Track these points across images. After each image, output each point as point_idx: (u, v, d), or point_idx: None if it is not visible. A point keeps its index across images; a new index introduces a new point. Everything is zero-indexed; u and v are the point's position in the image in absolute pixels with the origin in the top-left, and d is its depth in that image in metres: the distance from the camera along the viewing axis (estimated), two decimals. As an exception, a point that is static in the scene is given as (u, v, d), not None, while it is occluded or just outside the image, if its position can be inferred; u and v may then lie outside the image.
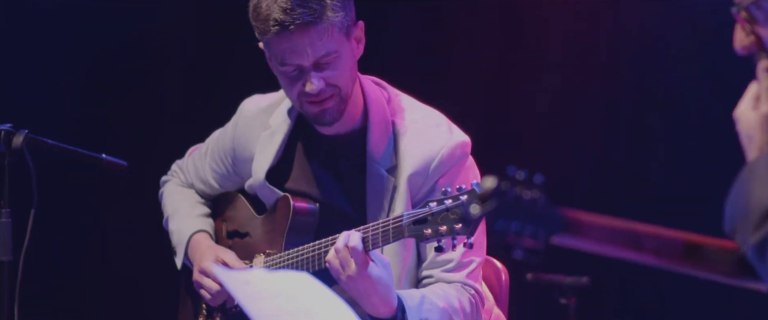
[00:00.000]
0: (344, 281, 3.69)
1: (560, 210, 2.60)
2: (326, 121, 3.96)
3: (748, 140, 2.55)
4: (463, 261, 3.97)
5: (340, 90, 3.92)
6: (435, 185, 3.96)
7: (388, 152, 3.98)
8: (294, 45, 3.83)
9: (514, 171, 2.55)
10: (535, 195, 2.55)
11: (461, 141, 4.01)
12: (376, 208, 3.96)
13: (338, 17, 3.85)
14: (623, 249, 2.67)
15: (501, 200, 2.52)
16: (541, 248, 2.57)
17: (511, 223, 2.53)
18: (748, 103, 2.56)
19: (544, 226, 2.56)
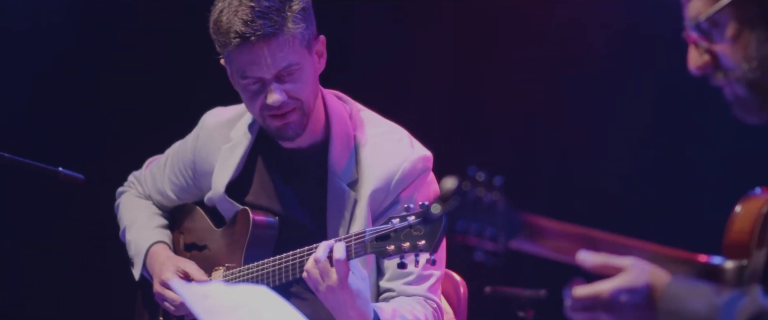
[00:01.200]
0: (323, 292, 3.67)
1: (520, 214, 2.61)
2: (289, 136, 3.95)
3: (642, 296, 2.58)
4: (423, 274, 3.98)
5: (303, 103, 3.91)
6: (397, 199, 3.96)
7: (349, 166, 3.98)
8: (255, 56, 3.83)
9: (474, 171, 2.56)
10: (496, 197, 2.56)
11: (423, 155, 4.01)
12: (336, 222, 3.96)
13: (299, 29, 3.84)
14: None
15: (462, 200, 2.52)
16: (501, 251, 2.58)
17: (472, 224, 2.54)
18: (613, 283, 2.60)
19: (504, 229, 2.57)
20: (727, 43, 2.57)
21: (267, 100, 3.86)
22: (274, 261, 3.88)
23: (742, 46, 2.55)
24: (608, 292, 2.57)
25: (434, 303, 3.97)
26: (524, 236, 2.62)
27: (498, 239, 2.57)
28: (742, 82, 2.57)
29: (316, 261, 3.66)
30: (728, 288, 2.65)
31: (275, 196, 4.07)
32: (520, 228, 2.61)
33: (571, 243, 2.68)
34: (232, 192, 4.11)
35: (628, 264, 2.62)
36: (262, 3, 3.81)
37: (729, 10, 2.54)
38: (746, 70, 2.56)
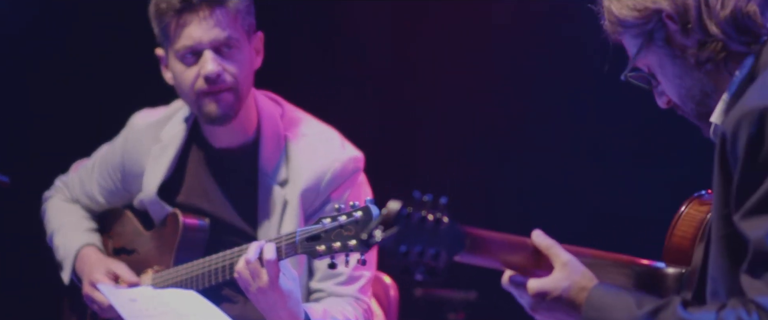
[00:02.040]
0: (253, 293, 3.66)
1: (463, 229, 2.65)
2: (221, 115, 3.91)
3: (568, 301, 2.66)
4: (354, 275, 3.98)
5: (238, 84, 3.90)
6: (328, 199, 3.97)
7: (280, 166, 3.98)
8: (196, 19, 3.84)
9: (419, 195, 2.58)
10: (439, 217, 2.58)
11: (353, 156, 4.02)
12: (267, 223, 3.96)
13: (243, 5, 3.86)
14: (521, 264, 2.71)
15: (405, 224, 2.54)
16: (441, 269, 2.60)
17: (414, 247, 2.56)
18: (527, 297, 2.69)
19: (446, 247, 2.60)
20: (662, 83, 2.69)
21: (202, 70, 3.84)
22: (204, 263, 3.86)
23: (670, 84, 2.68)
24: (551, 286, 2.66)
25: (365, 304, 3.98)
26: (467, 250, 2.66)
27: (439, 258, 2.59)
28: (688, 115, 2.70)
29: (247, 262, 3.65)
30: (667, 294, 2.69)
31: (206, 197, 4.06)
32: (461, 244, 2.65)
33: (510, 251, 2.73)
34: (163, 194, 4.10)
35: (567, 260, 2.67)
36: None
37: (646, 57, 2.68)
38: (683, 105, 2.68)
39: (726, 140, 2.46)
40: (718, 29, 2.59)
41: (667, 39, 2.65)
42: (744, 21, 2.60)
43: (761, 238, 2.39)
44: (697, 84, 2.64)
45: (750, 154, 2.41)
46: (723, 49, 2.60)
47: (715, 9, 2.59)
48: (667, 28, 2.64)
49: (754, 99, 2.45)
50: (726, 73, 2.62)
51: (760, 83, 2.51)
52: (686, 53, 2.63)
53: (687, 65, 2.64)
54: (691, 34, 2.61)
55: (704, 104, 2.65)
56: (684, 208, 2.78)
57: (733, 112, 2.47)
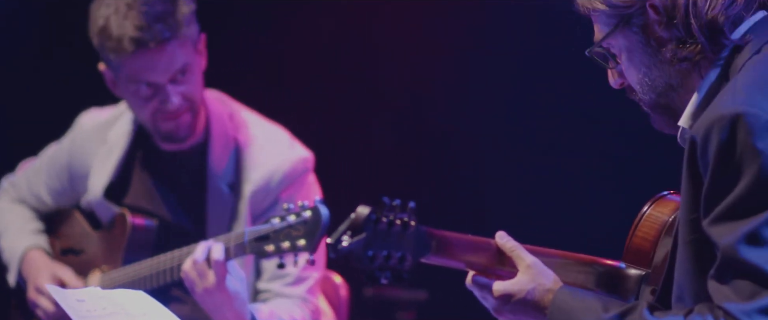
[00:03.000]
0: (199, 293, 3.65)
1: (428, 232, 2.66)
2: (180, 137, 3.96)
3: (533, 304, 2.67)
4: (301, 276, 3.99)
5: (194, 104, 3.92)
6: (277, 199, 3.98)
7: (229, 167, 3.98)
8: (151, 62, 3.83)
9: (388, 200, 2.59)
10: (407, 221, 2.60)
11: (303, 156, 4.04)
12: (216, 224, 3.96)
13: (191, 30, 3.86)
14: (485, 265, 2.74)
15: (373, 230, 2.55)
16: (406, 272, 2.61)
17: (381, 251, 2.57)
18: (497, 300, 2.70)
19: (411, 250, 2.61)
20: (624, 67, 2.68)
21: (164, 105, 3.85)
22: (153, 263, 3.85)
23: (635, 70, 2.67)
24: (516, 289, 2.67)
25: (312, 305, 3.98)
26: (432, 252, 2.67)
27: (404, 262, 2.60)
28: (644, 103, 2.69)
29: (194, 262, 3.64)
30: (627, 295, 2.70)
31: (154, 198, 4.05)
32: (427, 247, 2.66)
33: (474, 253, 2.74)
34: (111, 195, 4.08)
35: (531, 263, 2.69)
36: (154, 8, 3.80)
37: (616, 39, 2.66)
38: (643, 93, 2.67)
39: (696, 145, 2.45)
40: (702, 31, 2.59)
41: (644, 27, 2.63)
42: (723, 27, 2.59)
43: (730, 244, 2.39)
44: (663, 76, 2.64)
45: (720, 159, 2.41)
46: (701, 51, 2.59)
47: (703, 10, 2.58)
48: (647, 16, 2.62)
49: (725, 104, 2.44)
50: (696, 74, 2.62)
51: (730, 89, 2.50)
52: (661, 46, 2.62)
53: (658, 57, 2.63)
54: (673, 29, 2.60)
55: (665, 96, 2.65)
56: (646, 209, 2.78)
57: (704, 117, 2.47)
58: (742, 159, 2.39)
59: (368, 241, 2.55)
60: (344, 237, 2.55)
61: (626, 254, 2.77)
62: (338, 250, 2.56)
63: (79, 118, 4.23)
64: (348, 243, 2.54)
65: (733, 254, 2.39)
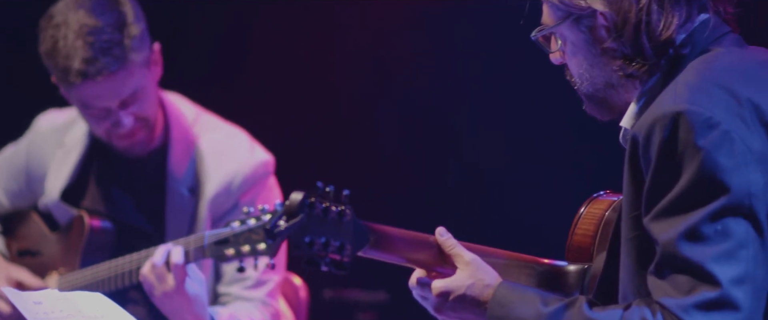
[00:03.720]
0: (158, 297, 3.65)
1: (366, 225, 2.68)
2: (136, 153, 3.96)
3: (473, 299, 2.69)
4: (262, 279, 3.99)
5: (148, 121, 3.92)
6: (237, 203, 3.98)
7: (189, 171, 3.98)
8: (99, 91, 3.82)
9: (322, 185, 2.62)
10: (342, 210, 2.63)
11: (263, 160, 4.04)
12: (176, 227, 3.95)
13: (140, 55, 3.84)
14: (426, 262, 2.75)
15: (308, 214, 2.58)
16: (347, 261, 2.64)
17: (318, 237, 2.60)
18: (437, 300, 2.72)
19: (350, 240, 2.64)
20: (567, 56, 2.71)
21: (115, 128, 3.85)
22: (111, 265, 3.84)
23: (576, 63, 2.69)
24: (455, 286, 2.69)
25: (273, 308, 3.99)
26: (371, 245, 2.69)
27: (344, 251, 2.63)
28: (580, 92, 2.71)
29: (153, 265, 3.64)
30: (570, 291, 2.72)
31: (112, 201, 4.04)
32: (366, 238, 2.68)
33: (414, 249, 2.75)
34: (68, 197, 4.06)
35: (470, 259, 2.71)
36: (101, 37, 3.77)
37: (563, 30, 2.68)
38: (581, 83, 2.70)
39: (638, 144, 2.48)
40: (656, 51, 2.61)
41: (592, 29, 2.64)
42: (677, 43, 2.61)
43: (670, 240, 2.42)
44: (604, 76, 2.66)
45: (662, 157, 2.44)
46: (650, 69, 2.62)
47: (657, 30, 2.61)
48: (597, 20, 2.64)
49: (667, 103, 2.48)
50: (637, 80, 2.65)
51: (672, 88, 2.53)
52: (606, 53, 2.64)
53: (602, 59, 2.66)
54: (619, 44, 2.62)
55: (602, 92, 2.68)
56: (583, 209, 2.81)
57: (646, 115, 2.50)
58: (683, 156, 2.43)
59: (305, 225, 2.57)
60: (280, 222, 2.57)
61: (568, 253, 2.80)
62: (275, 234, 2.59)
63: (37, 120, 4.21)
64: (284, 226, 2.57)
65: (672, 250, 2.43)
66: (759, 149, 2.44)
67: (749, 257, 2.41)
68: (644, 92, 2.63)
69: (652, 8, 2.59)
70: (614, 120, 2.74)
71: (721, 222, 2.41)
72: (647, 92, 2.63)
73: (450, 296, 2.70)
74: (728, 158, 2.42)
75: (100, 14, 3.79)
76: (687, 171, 2.43)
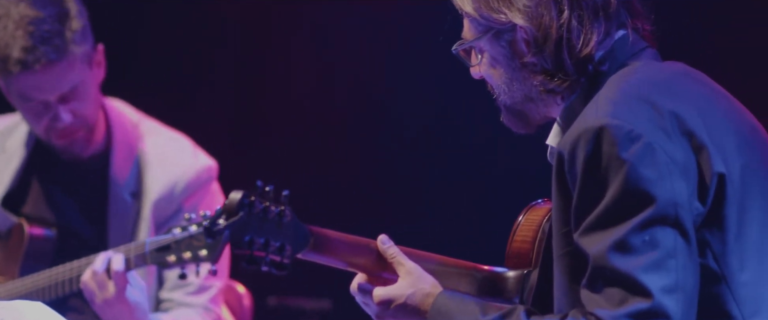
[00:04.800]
0: (99, 304, 3.67)
1: (306, 226, 2.72)
2: (75, 153, 3.96)
3: (413, 308, 2.74)
4: (204, 285, 4.01)
5: (88, 120, 3.93)
6: (180, 208, 4.01)
7: (132, 176, 4.00)
8: (38, 82, 3.83)
9: (261, 185, 2.65)
10: (282, 210, 2.66)
11: (206, 165, 4.07)
12: (118, 233, 3.97)
13: (81, 49, 3.86)
14: (366, 266, 2.79)
15: (248, 213, 2.62)
16: (287, 262, 2.67)
17: (258, 237, 2.63)
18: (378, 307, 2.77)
19: (290, 241, 2.68)
20: (486, 69, 2.74)
21: (54, 123, 3.84)
22: (51, 273, 3.83)
23: (496, 76, 2.72)
24: (395, 294, 2.73)
25: (215, 314, 4.00)
26: (310, 248, 2.73)
27: (284, 251, 2.66)
28: (499, 102, 2.75)
29: (94, 273, 3.65)
30: (510, 296, 2.74)
31: (54, 207, 4.04)
32: (306, 240, 2.72)
33: (356, 253, 2.79)
34: (8, 204, 4.06)
35: (411, 268, 2.75)
36: (42, 27, 3.78)
37: (483, 44, 2.71)
38: (499, 95, 2.73)
39: (563, 160, 2.52)
40: (576, 68, 2.64)
41: (512, 43, 2.67)
42: (596, 60, 2.65)
43: (600, 253, 2.45)
44: (523, 89, 2.68)
45: (587, 172, 2.47)
46: (571, 85, 2.65)
47: (577, 47, 2.63)
48: (517, 35, 2.66)
49: (589, 118, 2.51)
50: (558, 96, 2.68)
51: (594, 103, 2.56)
52: (526, 68, 2.66)
53: (521, 73, 2.68)
54: (541, 60, 2.64)
55: (521, 105, 2.70)
56: (521, 217, 2.85)
57: (570, 132, 2.53)
58: (608, 170, 2.46)
59: (244, 224, 2.61)
60: (220, 221, 2.60)
61: (508, 260, 2.84)
62: (214, 232, 2.61)
63: (-23, 126, 4.20)
64: (224, 224, 2.59)
65: (602, 262, 2.46)
66: (682, 159, 2.48)
67: (678, 266, 2.45)
68: (566, 108, 2.67)
69: (572, 25, 2.63)
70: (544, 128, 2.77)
71: (648, 233, 2.44)
72: (569, 109, 2.66)
73: (391, 304, 2.74)
74: (652, 169, 2.45)
75: (42, 7, 3.81)
76: (612, 184, 2.46)
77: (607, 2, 2.64)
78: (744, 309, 2.51)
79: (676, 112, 2.51)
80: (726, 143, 2.54)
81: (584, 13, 2.63)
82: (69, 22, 3.83)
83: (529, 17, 2.63)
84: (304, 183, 5.89)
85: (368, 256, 2.77)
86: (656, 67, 2.67)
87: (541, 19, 2.62)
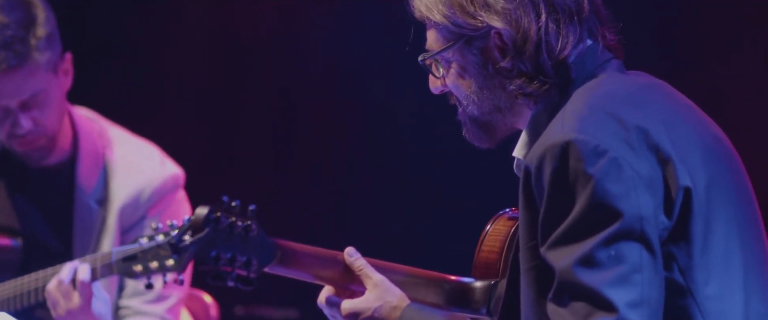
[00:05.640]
0: (63, 316, 3.65)
1: (273, 240, 2.75)
2: (34, 160, 3.97)
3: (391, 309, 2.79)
4: (163, 294, 4.04)
5: (49, 130, 3.94)
6: (145, 216, 4.03)
7: (98, 184, 4.01)
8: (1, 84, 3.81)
9: (227, 199, 2.68)
10: (248, 225, 2.69)
11: (173, 173, 4.09)
12: (83, 241, 3.98)
13: (45, 57, 3.87)
14: (334, 279, 2.82)
15: (214, 229, 2.64)
16: (253, 277, 2.70)
17: (225, 252, 2.66)
18: None
19: (256, 255, 2.71)
20: (453, 80, 2.74)
21: (14, 129, 3.85)
22: (16, 284, 3.82)
23: (464, 86, 2.72)
24: (362, 307, 2.77)
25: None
26: (277, 262, 2.76)
27: (250, 266, 2.69)
28: (465, 114, 2.75)
29: (59, 283, 3.66)
30: (478, 307, 2.77)
31: (19, 216, 4.05)
32: (272, 254, 2.74)
33: (322, 266, 2.82)
34: (-28, 214, 4.04)
35: (379, 281, 2.78)
36: (4, 32, 3.81)
37: (451, 53, 2.71)
38: (466, 106, 2.73)
39: (530, 174, 2.53)
40: (554, 70, 2.65)
41: (484, 50, 2.68)
42: (572, 66, 2.66)
43: (566, 267, 2.47)
44: (493, 99, 2.69)
45: (554, 186, 2.49)
46: (548, 90, 2.66)
47: (556, 49, 2.64)
48: (490, 41, 2.67)
49: (555, 133, 2.53)
50: (532, 101, 2.69)
51: (560, 117, 2.57)
52: (499, 74, 2.67)
53: (493, 81, 2.68)
54: (519, 63, 2.65)
55: (488, 116, 2.71)
56: (489, 226, 2.87)
57: (537, 146, 2.55)
58: (575, 185, 2.48)
59: (210, 240, 2.63)
60: (185, 237, 2.63)
61: (475, 270, 2.86)
62: (180, 248, 2.64)
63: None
64: (189, 241, 2.62)
65: (568, 277, 2.48)
66: (647, 174, 2.50)
67: (644, 281, 2.46)
68: (533, 120, 2.69)
69: (551, 27, 2.64)
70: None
71: (614, 248, 2.46)
72: (535, 120, 2.68)
73: (358, 317, 2.77)
74: (617, 184, 2.47)
75: (8, 13, 3.83)
76: (579, 199, 2.48)
77: (580, 8, 2.67)
78: None
79: (642, 127, 2.53)
80: (691, 156, 2.56)
81: (560, 16, 2.64)
82: (34, 29, 3.84)
83: (508, 20, 2.63)
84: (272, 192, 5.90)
85: (335, 269, 2.80)
86: (622, 80, 2.68)
87: (519, 22, 2.63)
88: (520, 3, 2.64)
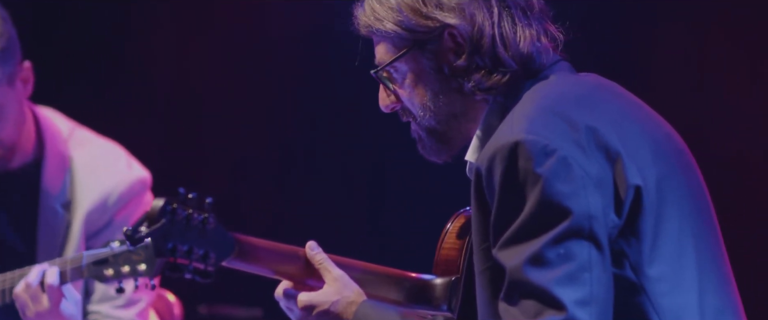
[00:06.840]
0: (32, 318, 3.70)
1: (231, 234, 2.79)
2: None
3: (336, 316, 2.85)
4: (133, 299, 4.06)
5: (5, 141, 3.96)
6: (112, 219, 4.05)
7: (64, 187, 4.03)
8: None
9: (184, 191, 2.71)
10: (206, 217, 2.72)
11: (140, 176, 4.12)
12: (48, 244, 4.00)
13: (3, 67, 3.87)
14: (293, 274, 2.89)
15: (171, 220, 2.68)
16: (211, 270, 2.75)
17: (182, 244, 2.71)
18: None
19: (214, 249, 2.74)
20: (407, 90, 2.78)
21: None
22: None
23: (419, 94, 2.77)
24: (320, 301, 2.83)
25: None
26: (235, 255, 2.80)
27: (208, 259, 2.73)
28: (421, 126, 2.79)
29: (27, 285, 3.67)
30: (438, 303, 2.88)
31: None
32: (230, 248, 2.78)
33: (282, 261, 2.87)
34: (-65, 218, 4.07)
35: (338, 276, 2.84)
36: None
37: (405, 61, 2.75)
38: (423, 117, 2.78)
39: (481, 176, 2.56)
40: (513, 61, 2.68)
41: (437, 52, 2.71)
42: (534, 56, 2.71)
43: (516, 266, 2.50)
44: (449, 104, 2.73)
45: (504, 187, 2.52)
46: (508, 81, 2.69)
47: (514, 41, 2.68)
48: (443, 42, 2.70)
49: (505, 134, 2.56)
50: (482, 105, 2.73)
51: (510, 118, 2.61)
52: (454, 74, 2.70)
53: (448, 84, 2.72)
54: (476, 59, 2.68)
55: (445, 124, 2.75)
56: (449, 225, 2.90)
57: (487, 147, 2.57)
58: (524, 185, 2.51)
59: (167, 231, 2.66)
60: (142, 228, 2.66)
61: (436, 267, 2.91)
62: (135, 239, 2.65)
63: None
64: (145, 231, 2.65)
65: (518, 276, 2.51)
66: (597, 173, 2.53)
67: (593, 279, 2.49)
68: (484, 123, 2.73)
69: (506, 21, 2.69)
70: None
71: (563, 246, 2.49)
72: (487, 123, 2.72)
73: (314, 310, 2.82)
74: (567, 183, 2.50)
75: None
76: (529, 199, 2.51)
77: (530, 5, 2.72)
78: (665, 319, 2.56)
79: (591, 126, 2.56)
80: (641, 154, 2.60)
81: (514, 12, 2.69)
82: None
83: (462, 15, 2.67)
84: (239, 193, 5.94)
85: (295, 264, 2.84)
86: (571, 81, 2.73)
87: (474, 17, 2.67)
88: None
